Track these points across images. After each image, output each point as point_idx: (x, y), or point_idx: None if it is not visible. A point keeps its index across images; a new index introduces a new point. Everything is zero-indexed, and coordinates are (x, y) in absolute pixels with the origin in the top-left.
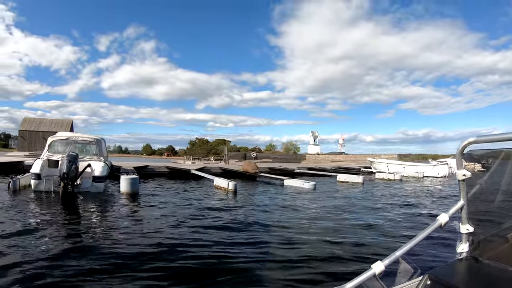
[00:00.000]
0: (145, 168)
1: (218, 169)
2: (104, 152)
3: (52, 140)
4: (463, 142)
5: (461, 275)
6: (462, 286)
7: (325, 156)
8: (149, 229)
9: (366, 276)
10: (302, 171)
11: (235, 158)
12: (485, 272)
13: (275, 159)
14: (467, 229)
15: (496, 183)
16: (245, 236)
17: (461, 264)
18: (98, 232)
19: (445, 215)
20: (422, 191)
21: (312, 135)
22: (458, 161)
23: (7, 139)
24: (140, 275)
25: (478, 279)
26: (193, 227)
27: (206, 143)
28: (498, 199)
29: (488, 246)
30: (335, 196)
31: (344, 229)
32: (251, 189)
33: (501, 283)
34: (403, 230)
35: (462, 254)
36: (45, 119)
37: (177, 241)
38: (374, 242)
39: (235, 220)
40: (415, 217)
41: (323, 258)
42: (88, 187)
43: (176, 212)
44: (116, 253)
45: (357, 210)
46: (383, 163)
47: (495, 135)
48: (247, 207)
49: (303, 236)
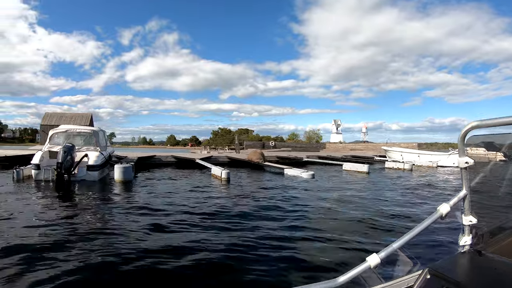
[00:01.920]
0: (152, 158)
1: (225, 158)
2: (101, 142)
3: (53, 132)
4: (465, 127)
5: (464, 269)
6: (464, 281)
7: (345, 145)
8: (124, 214)
9: (360, 269)
10: (311, 159)
11: (254, 147)
12: (489, 266)
13: (294, 148)
14: (470, 221)
15: (502, 172)
16: (220, 225)
17: (463, 258)
18: (77, 215)
19: (446, 205)
20: (427, 182)
21: (334, 123)
22: (460, 147)
23: (34, 134)
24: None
25: (482, 274)
26: (171, 213)
27: (229, 132)
28: (504, 189)
29: (493, 239)
30: (331, 186)
31: (318, 220)
32: (248, 178)
33: (506, 278)
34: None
35: (464, 247)
36: (65, 113)
37: (149, 226)
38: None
39: (214, 208)
40: (395, 212)
41: (292, 249)
42: (84, 175)
43: (159, 199)
44: (87, 236)
45: (346, 200)
46: (397, 151)
47: (501, 118)
48: (231, 195)
49: (278, 226)
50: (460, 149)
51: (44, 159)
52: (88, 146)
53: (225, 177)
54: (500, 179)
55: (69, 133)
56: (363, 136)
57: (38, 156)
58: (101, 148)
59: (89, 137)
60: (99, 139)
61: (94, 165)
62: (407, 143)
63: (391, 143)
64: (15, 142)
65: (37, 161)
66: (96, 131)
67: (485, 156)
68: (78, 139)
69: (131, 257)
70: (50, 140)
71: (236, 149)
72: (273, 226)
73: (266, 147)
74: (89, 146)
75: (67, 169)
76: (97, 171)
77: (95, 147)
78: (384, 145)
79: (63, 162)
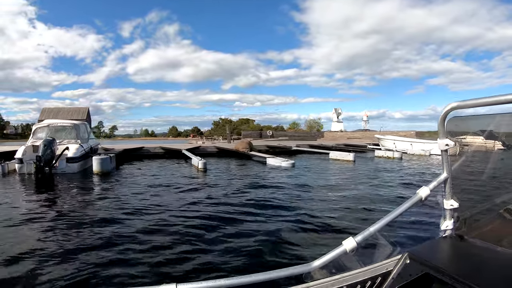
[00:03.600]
0: (140, 149)
1: (214, 148)
2: (83, 135)
3: (36, 127)
4: (444, 108)
5: (445, 253)
6: (444, 266)
7: (343, 134)
8: (87, 204)
9: (336, 253)
10: (300, 148)
11: (251, 137)
12: (471, 251)
13: (292, 137)
14: (451, 205)
15: (485, 155)
16: (179, 213)
17: (444, 242)
18: (43, 206)
19: (425, 188)
20: (411, 171)
21: (335, 112)
22: (440, 129)
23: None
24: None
25: (463, 258)
26: (133, 203)
27: (230, 123)
28: (487, 172)
29: (475, 224)
30: (309, 174)
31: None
32: (227, 167)
33: (487, 263)
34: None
35: (446, 231)
36: (63, 108)
37: (112, 215)
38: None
39: (179, 196)
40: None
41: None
42: (64, 168)
43: (127, 189)
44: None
45: (318, 187)
46: (390, 140)
47: (481, 99)
48: (201, 184)
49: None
50: (440, 131)
51: (27, 153)
52: (69, 139)
53: (202, 167)
54: (484, 164)
55: (51, 127)
56: (364, 124)
57: (21, 150)
58: (82, 141)
59: (70, 131)
60: (80, 132)
61: (73, 158)
62: (405, 132)
63: (384, 131)
64: (17, 138)
65: (20, 155)
66: (77, 124)
67: (484, 145)
68: (59, 133)
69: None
70: (34, 135)
71: (228, 139)
72: (235, 212)
73: (263, 136)
74: (70, 139)
75: (47, 162)
76: (77, 163)
77: (76, 140)
78: (378, 133)
79: (42, 156)
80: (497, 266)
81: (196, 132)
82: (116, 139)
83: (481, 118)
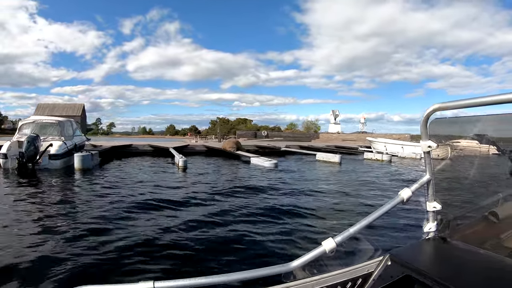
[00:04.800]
0: (129, 146)
1: (202, 147)
2: (67, 133)
3: (22, 123)
4: (426, 110)
5: (426, 255)
6: (426, 268)
7: (338, 135)
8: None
9: (315, 254)
10: (289, 149)
11: (246, 136)
12: (453, 253)
13: (286, 138)
14: (434, 207)
15: (469, 158)
16: (154, 210)
17: (427, 244)
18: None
19: (407, 190)
20: (395, 175)
21: (332, 113)
22: (423, 131)
23: None
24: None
25: (445, 261)
26: (101, 197)
27: (227, 122)
28: (471, 175)
29: (458, 227)
30: (288, 174)
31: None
32: (209, 166)
33: (469, 265)
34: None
35: (429, 233)
36: (58, 104)
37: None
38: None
39: (154, 193)
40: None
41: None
42: (46, 164)
43: (102, 184)
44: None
45: (294, 188)
46: (381, 142)
47: (463, 100)
48: (177, 181)
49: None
50: (423, 133)
51: (12, 149)
52: (54, 136)
53: (182, 165)
54: (467, 167)
55: (36, 124)
56: (362, 126)
57: (6, 146)
58: (66, 138)
59: (54, 128)
60: (64, 129)
61: (56, 154)
62: (399, 134)
63: (377, 134)
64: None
65: (5, 151)
66: (62, 121)
67: (478, 149)
68: (44, 129)
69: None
70: (19, 131)
71: (219, 139)
72: (206, 213)
73: (258, 136)
74: (54, 136)
75: (30, 158)
76: (59, 160)
77: (59, 137)
78: (370, 135)
79: (25, 152)
80: (479, 269)
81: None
82: (114, 136)
83: (463, 120)
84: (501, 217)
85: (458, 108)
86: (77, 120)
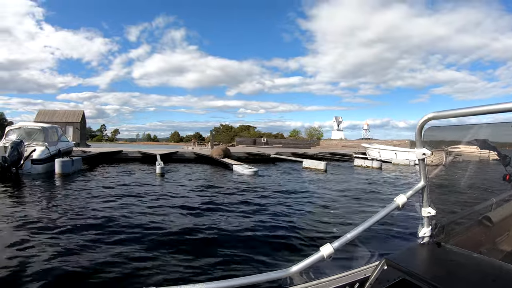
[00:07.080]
0: (118, 153)
1: (191, 154)
2: (51, 138)
3: (8, 129)
4: (421, 118)
5: (421, 260)
6: (421, 272)
7: (339, 142)
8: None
9: (313, 259)
10: (278, 156)
11: (244, 143)
12: (448, 258)
13: (286, 144)
14: (428, 212)
15: (462, 164)
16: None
17: (422, 249)
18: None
19: (403, 196)
20: (379, 183)
21: (335, 120)
22: (418, 139)
23: None
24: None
25: (440, 265)
26: (68, 202)
27: (230, 129)
28: (464, 181)
29: (453, 231)
30: (266, 182)
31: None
32: (189, 173)
33: (464, 269)
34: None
35: (424, 238)
36: (58, 110)
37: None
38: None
39: (118, 199)
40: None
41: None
42: (29, 168)
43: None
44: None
45: (265, 196)
46: (375, 149)
47: (456, 110)
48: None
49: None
50: (418, 141)
51: None
52: (38, 142)
53: (159, 172)
54: (461, 173)
55: (22, 130)
56: (365, 133)
57: None
58: (49, 143)
59: (38, 133)
60: (47, 135)
61: (38, 159)
62: (399, 141)
63: (372, 140)
64: None
65: None
66: (46, 127)
67: (477, 155)
68: (29, 135)
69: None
70: (6, 136)
71: (211, 145)
72: (183, 221)
73: (257, 143)
74: (38, 141)
75: (13, 162)
76: (41, 165)
77: (43, 142)
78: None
79: (8, 157)
80: (473, 272)
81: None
82: (118, 143)
83: (457, 128)
84: (495, 222)
85: (453, 117)
86: (77, 126)
